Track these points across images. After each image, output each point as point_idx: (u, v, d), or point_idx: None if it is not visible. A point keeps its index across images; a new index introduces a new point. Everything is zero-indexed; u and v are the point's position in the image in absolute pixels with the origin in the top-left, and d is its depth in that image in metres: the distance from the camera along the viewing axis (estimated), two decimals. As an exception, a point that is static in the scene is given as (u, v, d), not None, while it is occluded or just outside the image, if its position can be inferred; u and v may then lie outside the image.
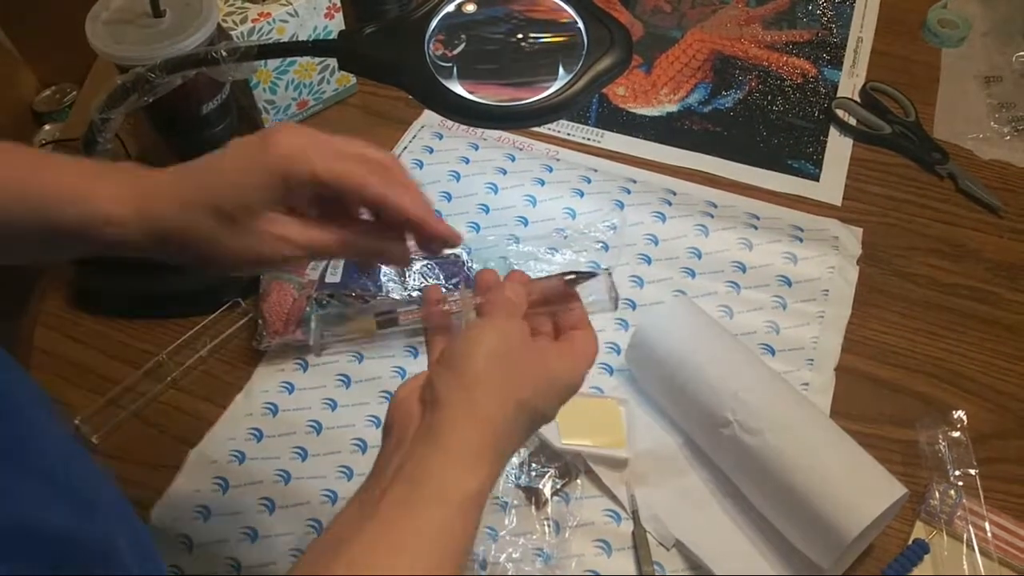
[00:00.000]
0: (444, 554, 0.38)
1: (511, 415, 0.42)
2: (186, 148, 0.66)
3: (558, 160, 0.81)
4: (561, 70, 0.56)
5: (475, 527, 0.40)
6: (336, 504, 0.60)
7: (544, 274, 0.51)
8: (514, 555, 0.58)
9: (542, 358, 0.44)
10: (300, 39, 0.80)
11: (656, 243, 0.74)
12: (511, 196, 0.78)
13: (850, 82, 0.88)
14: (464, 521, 0.39)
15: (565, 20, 0.58)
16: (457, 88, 0.55)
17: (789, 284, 0.72)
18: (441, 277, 0.67)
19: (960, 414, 0.64)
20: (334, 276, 0.66)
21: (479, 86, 0.56)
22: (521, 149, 0.82)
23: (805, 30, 0.94)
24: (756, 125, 0.85)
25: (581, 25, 0.57)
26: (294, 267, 0.60)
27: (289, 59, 0.81)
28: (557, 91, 0.55)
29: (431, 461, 0.40)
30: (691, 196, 0.78)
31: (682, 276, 0.72)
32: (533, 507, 0.60)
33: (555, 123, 0.85)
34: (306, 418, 0.64)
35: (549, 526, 0.59)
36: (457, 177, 0.79)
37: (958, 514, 0.59)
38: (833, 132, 0.84)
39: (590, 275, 0.49)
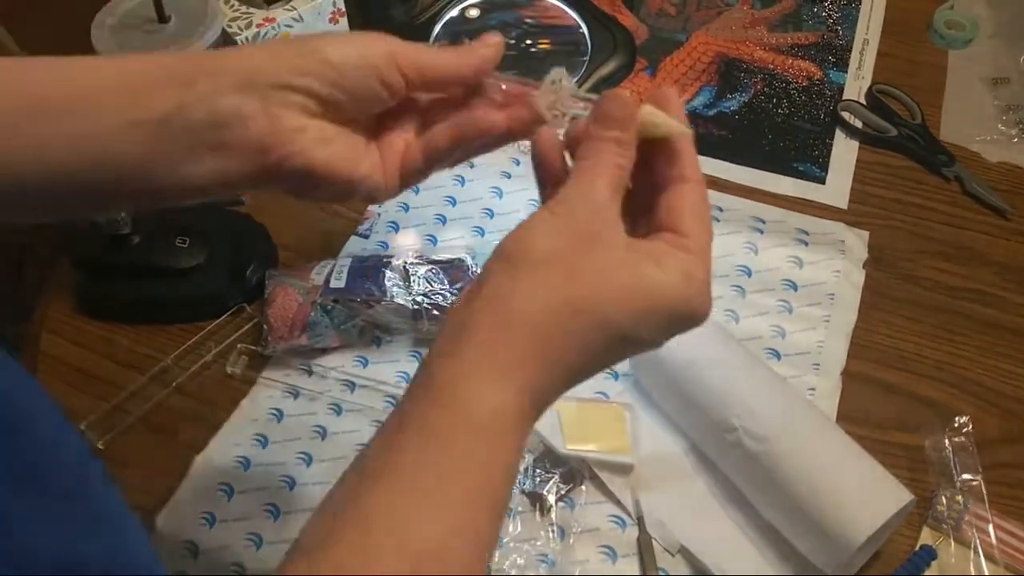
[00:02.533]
0: (468, 493, 0.33)
1: (565, 320, 0.34)
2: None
3: (563, 164, 0.81)
4: (565, 75, 0.56)
5: (510, 454, 0.34)
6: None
7: None
8: (519, 561, 0.58)
9: (627, 257, 0.35)
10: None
11: (661, 247, 0.74)
12: (516, 200, 0.78)
13: (856, 84, 0.88)
14: (490, 447, 0.33)
15: (568, 24, 0.58)
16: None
17: (795, 288, 0.72)
18: (445, 281, 0.67)
19: (965, 419, 0.63)
20: (339, 281, 0.66)
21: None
22: (525, 153, 0.82)
23: (810, 32, 0.94)
24: (761, 128, 0.85)
25: (584, 29, 0.57)
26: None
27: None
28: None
29: (447, 371, 0.34)
30: (696, 200, 0.78)
31: (687, 280, 0.72)
32: (537, 513, 0.60)
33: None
34: (311, 423, 0.64)
35: (554, 532, 0.59)
36: (462, 182, 0.79)
37: (965, 519, 0.59)
38: (839, 135, 0.84)
39: None
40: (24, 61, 0.41)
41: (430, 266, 0.68)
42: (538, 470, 0.61)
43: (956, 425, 0.63)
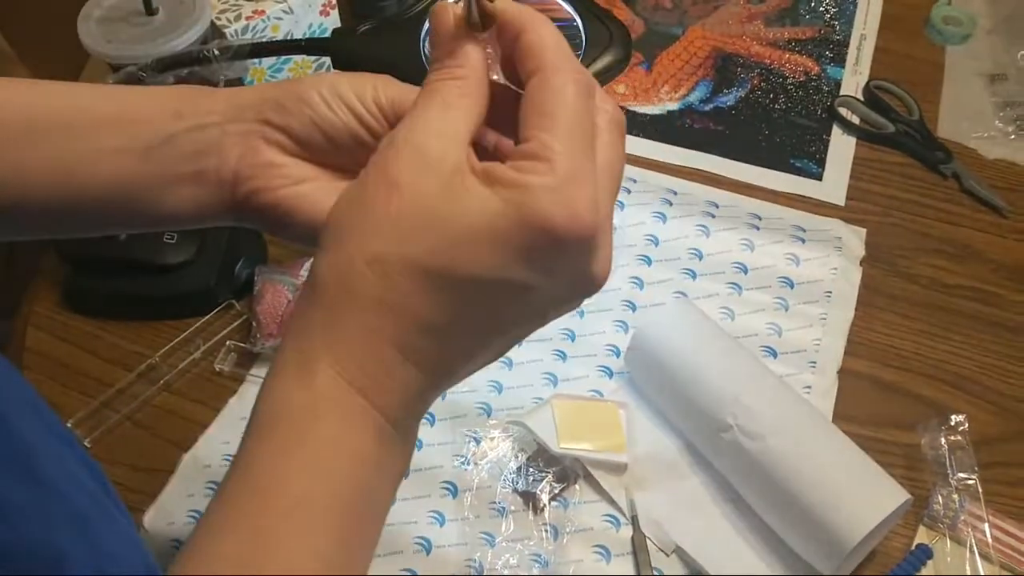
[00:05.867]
0: (279, 509, 0.28)
1: (364, 279, 0.28)
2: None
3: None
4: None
5: (329, 447, 0.29)
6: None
7: None
8: (511, 561, 0.57)
9: (444, 187, 0.28)
10: (295, 37, 0.79)
11: (656, 244, 0.74)
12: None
13: (853, 80, 0.87)
14: (287, 453, 0.28)
15: (563, 17, 0.57)
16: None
17: (791, 286, 0.71)
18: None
19: (962, 417, 0.63)
20: (329, 277, 0.65)
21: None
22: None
23: (808, 27, 0.93)
24: (758, 123, 0.84)
25: (579, 23, 0.57)
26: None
27: (284, 57, 0.81)
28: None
29: (273, 365, 0.30)
30: (692, 196, 0.77)
31: (683, 277, 0.71)
32: (530, 512, 0.59)
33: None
34: (301, 421, 0.64)
35: (547, 531, 0.58)
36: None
37: (961, 519, 0.59)
38: (836, 131, 0.83)
39: None
40: (31, 83, 0.42)
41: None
42: (531, 469, 0.60)
43: (952, 423, 0.63)
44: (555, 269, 0.29)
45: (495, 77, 0.34)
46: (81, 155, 0.39)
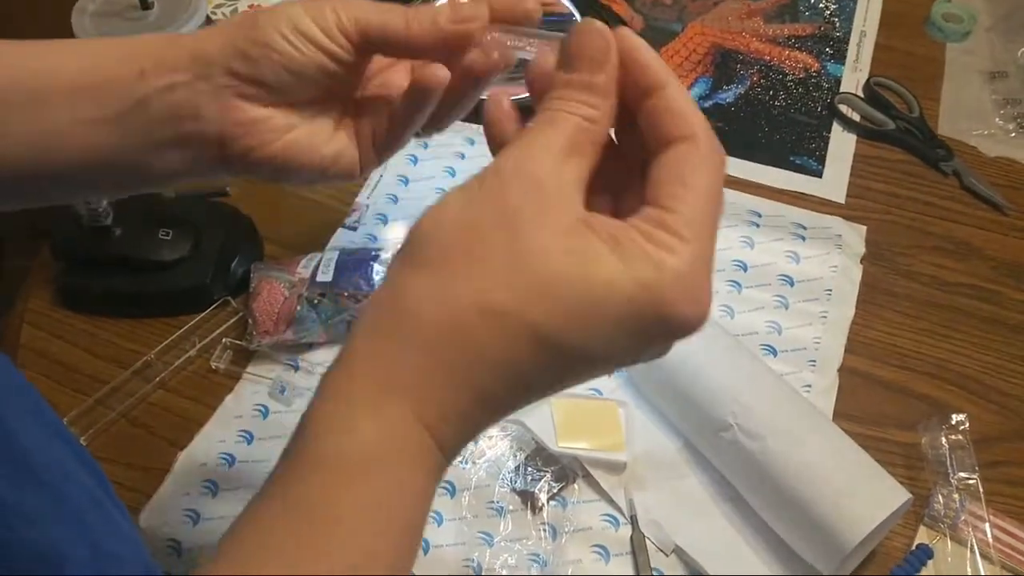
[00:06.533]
0: (332, 544, 0.27)
1: (468, 325, 0.26)
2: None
3: (556, 156, 0.80)
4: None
5: (383, 492, 0.27)
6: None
7: None
8: (510, 561, 0.57)
9: (569, 241, 0.26)
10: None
11: (655, 241, 0.73)
12: (508, 193, 0.76)
13: (853, 77, 0.87)
14: (351, 490, 0.27)
15: (561, 13, 0.57)
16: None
17: (791, 283, 0.71)
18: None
19: (963, 417, 0.63)
20: (325, 275, 0.65)
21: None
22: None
23: (807, 24, 0.92)
24: (758, 120, 0.84)
25: (578, 19, 0.56)
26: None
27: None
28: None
29: (314, 406, 0.29)
30: (691, 193, 0.77)
31: (682, 275, 0.71)
32: (529, 512, 0.59)
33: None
34: (297, 420, 0.63)
35: (546, 531, 0.58)
36: (452, 173, 0.78)
37: (962, 518, 0.58)
38: (836, 128, 0.83)
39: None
40: None
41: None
42: (529, 468, 0.60)
43: (953, 423, 0.62)
44: (663, 345, 0.29)
45: None
46: (54, 129, 0.38)
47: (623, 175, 0.31)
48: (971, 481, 0.60)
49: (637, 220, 0.28)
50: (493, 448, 0.61)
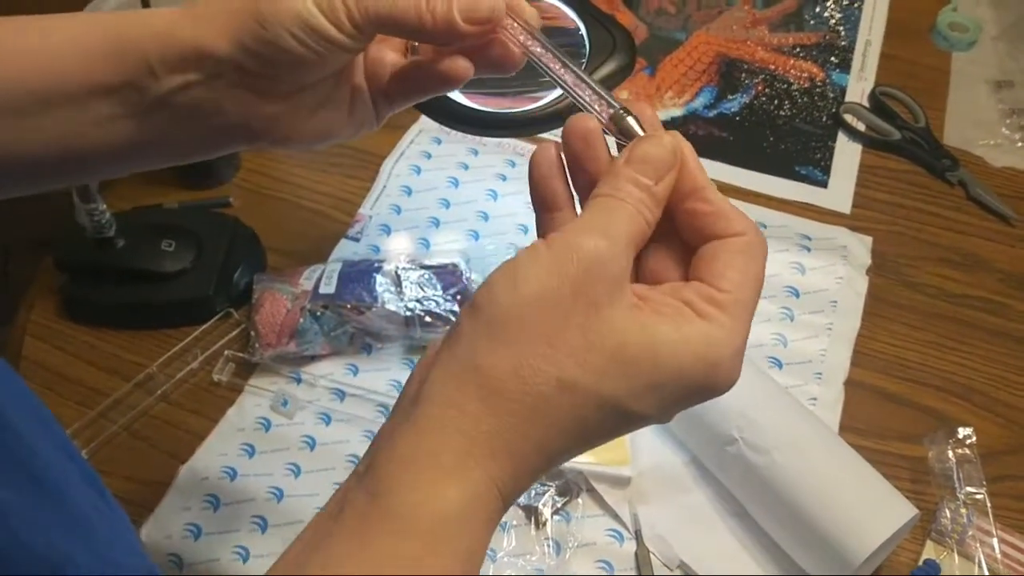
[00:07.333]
0: None
1: (549, 398, 0.29)
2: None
3: (560, 166, 0.80)
4: (563, 76, 0.55)
5: (464, 555, 0.29)
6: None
7: None
8: (513, 576, 0.56)
9: (633, 317, 0.29)
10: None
11: (660, 252, 0.73)
12: (512, 203, 0.76)
13: (859, 86, 0.87)
14: (437, 552, 0.28)
15: (566, 25, 0.56)
16: (455, 95, 0.54)
17: (797, 295, 0.70)
18: (438, 287, 0.65)
19: (969, 430, 0.62)
20: (328, 286, 0.65)
21: (478, 93, 0.54)
22: (522, 155, 0.80)
23: (812, 33, 0.92)
24: (763, 130, 0.83)
25: (583, 30, 0.56)
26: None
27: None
28: (557, 98, 0.54)
29: (392, 465, 0.29)
30: (696, 203, 0.76)
31: (686, 286, 0.71)
32: (533, 527, 0.58)
33: (557, 129, 0.83)
34: (299, 433, 0.63)
35: (549, 546, 0.58)
36: (456, 183, 0.77)
37: (969, 533, 0.58)
38: (841, 137, 0.83)
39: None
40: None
41: (422, 271, 0.66)
42: (533, 482, 0.60)
43: (960, 436, 0.62)
44: (696, 403, 0.32)
45: None
46: (75, 127, 0.38)
47: (647, 260, 0.34)
48: (978, 496, 0.59)
49: (689, 291, 0.31)
50: (496, 462, 0.61)
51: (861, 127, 0.83)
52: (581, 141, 0.34)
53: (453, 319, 0.39)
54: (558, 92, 0.54)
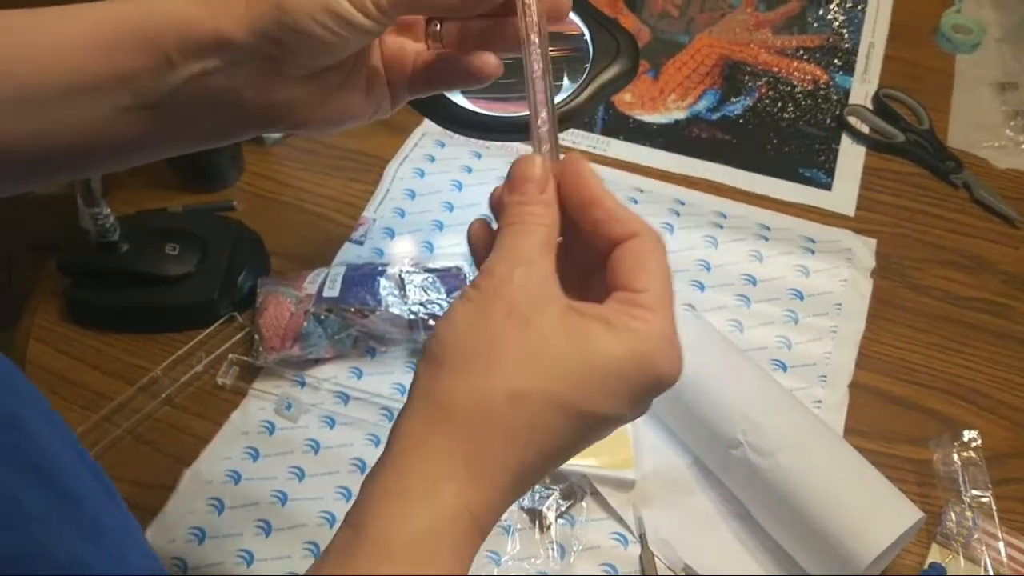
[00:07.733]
0: None
1: (499, 412, 0.30)
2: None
3: (563, 169, 0.80)
4: (566, 80, 0.55)
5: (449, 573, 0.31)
6: (334, 526, 0.58)
7: None
8: (517, 580, 0.56)
9: (567, 325, 0.32)
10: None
11: (663, 255, 0.73)
12: (515, 206, 0.76)
13: (862, 89, 0.87)
14: (411, 574, 0.30)
15: (569, 28, 0.56)
16: (458, 99, 0.54)
17: (801, 298, 0.70)
18: (442, 290, 0.65)
19: (975, 433, 0.62)
20: (332, 290, 0.65)
21: (481, 97, 0.54)
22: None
23: (816, 35, 0.92)
24: (766, 132, 0.83)
25: (587, 33, 0.56)
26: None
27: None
28: (561, 102, 0.54)
29: (371, 500, 0.31)
30: (700, 206, 0.76)
31: (691, 289, 0.71)
32: (537, 530, 0.58)
33: (560, 132, 0.83)
34: (303, 437, 0.63)
35: (553, 550, 0.58)
36: (459, 187, 0.77)
37: (975, 537, 0.58)
38: (845, 140, 0.83)
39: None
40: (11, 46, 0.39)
41: (426, 274, 0.66)
42: (537, 486, 0.59)
43: (965, 439, 0.62)
44: (648, 402, 0.34)
45: None
46: (96, 116, 0.38)
47: (576, 272, 0.36)
48: (984, 499, 0.59)
49: (614, 303, 0.33)
50: (500, 465, 0.61)
51: (865, 129, 0.83)
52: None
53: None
54: (561, 96, 0.54)
